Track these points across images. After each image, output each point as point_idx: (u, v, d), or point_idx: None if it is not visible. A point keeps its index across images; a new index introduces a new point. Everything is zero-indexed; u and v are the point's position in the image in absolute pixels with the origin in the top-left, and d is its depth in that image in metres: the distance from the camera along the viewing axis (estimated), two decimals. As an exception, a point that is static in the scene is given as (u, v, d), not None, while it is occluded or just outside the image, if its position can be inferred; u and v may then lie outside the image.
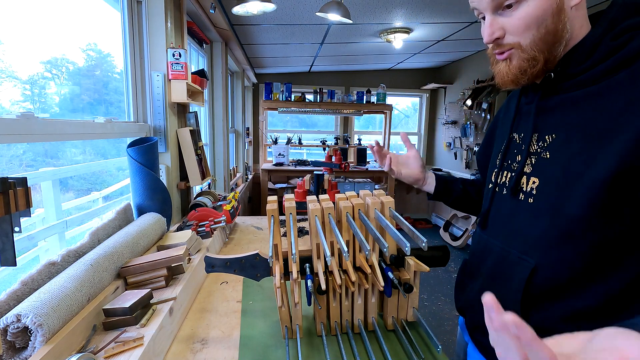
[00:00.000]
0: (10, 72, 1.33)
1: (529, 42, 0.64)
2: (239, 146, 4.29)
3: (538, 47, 0.63)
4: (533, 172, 0.70)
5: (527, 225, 0.70)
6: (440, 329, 2.71)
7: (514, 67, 0.67)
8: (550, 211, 0.65)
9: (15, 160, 1.48)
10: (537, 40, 0.63)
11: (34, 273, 0.82)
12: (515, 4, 0.62)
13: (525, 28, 0.63)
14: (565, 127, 0.65)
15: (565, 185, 0.63)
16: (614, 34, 0.61)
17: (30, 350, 0.68)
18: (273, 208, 0.85)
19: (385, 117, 5.12)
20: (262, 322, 0.96)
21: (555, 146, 0.66)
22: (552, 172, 0.66)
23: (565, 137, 0.64)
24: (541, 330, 0.68)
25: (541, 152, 0.69)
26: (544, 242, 0.66)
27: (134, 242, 1.12)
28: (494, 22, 0.65)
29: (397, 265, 0.90)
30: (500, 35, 0.65)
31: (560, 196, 0.63)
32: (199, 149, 1.88)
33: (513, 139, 0.78)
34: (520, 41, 0.64)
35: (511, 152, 0.78)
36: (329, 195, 1.61)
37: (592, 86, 0.62)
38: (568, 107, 0.66)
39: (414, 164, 1.03)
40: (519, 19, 0.63)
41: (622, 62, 0.59)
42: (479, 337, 0.83)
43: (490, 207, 0.82)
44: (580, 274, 0.63)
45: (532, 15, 0.62)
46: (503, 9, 0.64)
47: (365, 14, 2.78)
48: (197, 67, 2.66)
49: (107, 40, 1.67)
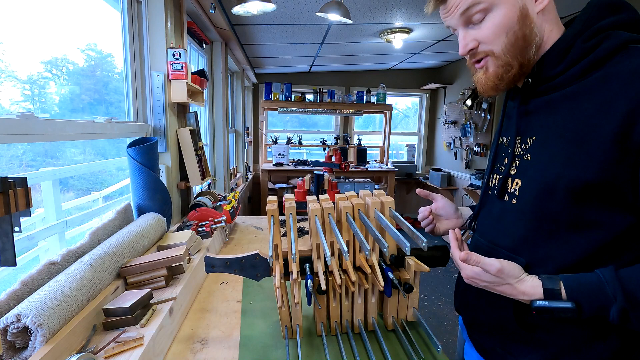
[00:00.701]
0: (10, 72, 1.33)
1: (501, 48, 0.67)
2: (239, 146, 4.28)
3: (510, 53, 0.66)
4: (517, 174, 0.72)
5: (513, 226, 0.72)
6: (440, 329, 2.71)
7: (491, 74, 0.70)
8: (534, 211, 0.67)
9: (15, 160, 1.48)
10: (508, 46, 0.66)
11: (34, 273, 0.82)
12: (482, 17, 0.66)
13: (495, 36, 0.66)
14: (544, 129, 0.67)
15: (545, 186, 0.65)
16: (586, 36, 0.63)
17: (30, 350, 0.68)
18: (273, 208, 0.85)
19: (385, 117, 5.12)
20: (262, 322, 0.96)
21: (535, 148, 0.68)
22: (532, 174, 0.68)
23: (544, 139, 0.67)
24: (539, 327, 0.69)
25: (524, 154, 0.71)
26: (530, 241, 0.68)
27: (134, 242, 1.12)
28: (467, 35, 0.69)
29: (397, 265, 0.90)
30: (474, 46, 0.69)
31: (542, 197, 0.65)
32: (199, 149, 1.88)
33: (501, 142, 0.81)
34: (493, 49, 0.67)
35: (500, 155, 0.80)
36: (329, 195, 1.61)
37: (567, 88, 0.65)
38: (546, 110, 0.68)
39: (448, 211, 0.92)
40: (487, 28, 0.66)
41: (594, 64, 0.61)
42: (476, 335, 0.84)
43: (481, 210, 0.84)
44: (569, 270, 0.64)
45: (499, 24, 0.65)
46: (472, 22, 0.68)
47: (365, 14, 2.78)
48: (197, 67, 2.66)
49: (107, 40, 1.67)
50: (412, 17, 2.91)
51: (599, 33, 0.62)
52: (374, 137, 5.77)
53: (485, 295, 0.76)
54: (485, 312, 0.78)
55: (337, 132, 5.58)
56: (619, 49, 0.60)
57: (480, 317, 0.80)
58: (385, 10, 2.72)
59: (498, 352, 0.77)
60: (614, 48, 0.60)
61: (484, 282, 0.66)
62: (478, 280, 0.67)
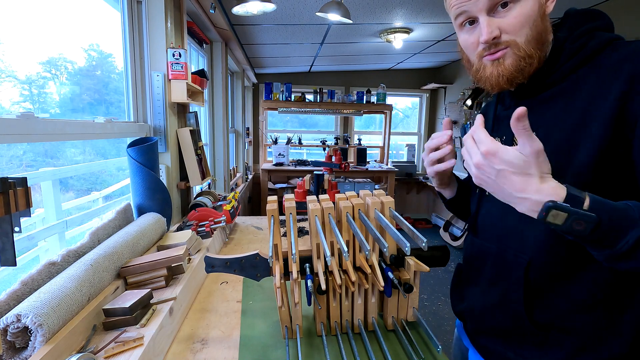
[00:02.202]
0: (10, 72, 1.33)
1: (524, 39, 0.65)
2: (239, 146, 4.28)
3: (532, 45, 0.66)
4: None
5: (520, 224, 0.71)
6: (440, 329, 2.71)
7: (510, 65, 0.67)
8: None
9: (15, 160, 1.48)
10: (531, 39, 0.66)
11: (34, 273, 0.82)
12: (511, 4, 0.64)
13: (521, 26, 0.65)
14: (542, 125, 0.68)
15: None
16: (573, 38, 0.67)
17: (30, 350, 0.68)
18: (273, 208, 0.85)
19: (385, 117, 5.12)
20: (262, 322, 0.96)
21: None
22: None
23: (544, 134, 0.67)
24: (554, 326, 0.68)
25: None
26: (540, 237, 0.68)
27: (134, 242, 1.12)
28: (491, 22, 0.66)
29: (397, 265, 0.90)
30: (497, 35, 0.66)
31: None
32: (199, 149, 1.88)
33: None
34: (517, 39, 0.66)
35: None
36: (329, 195, 1.61)
37: (560, 85, 0.68)
38: (542, 107, 0.70)
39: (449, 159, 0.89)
40: (515, 17, 0.64)
41: (583, 60, 0.65)
42: (483, 342, 0.82)
43: (479, 212, 0.83)
44: (577, 263, 0.65)
45: (526, 14, 0.64)
46: (496, 10, 0.66)
47: (365, 14, 2.78)
48: (197, 67, 2.66)
49: (108, 40, 1.67)
50: (412, 17, 2.91)
51: (584, 35, 0.67)
52: (374, 137, 5.76)
53: (494, 296, 0.76)
54: (493, 316, 0.77)
55: (337, 132, 5.58)
56: (605, 45, 0.64)
57: (488, 322, 0.79)
58: (385, 10, 2.72)
59: (509, 356, 0.75)
60: (600, 45, 0.65)
61: (500, 163, 0.56)
62: (495, 160, 0.56)
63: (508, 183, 0.56)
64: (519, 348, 0.73)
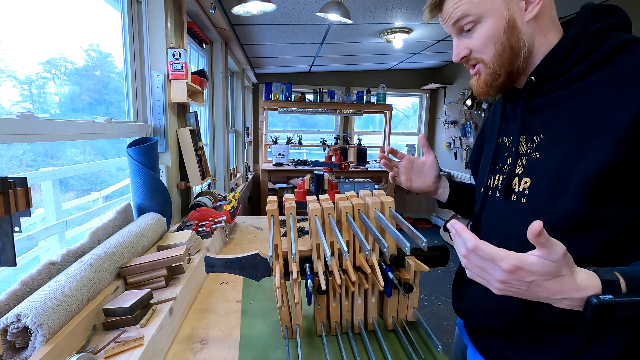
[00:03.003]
0: (10, 72, 1.33)
1: (489, 57, 0.71)
2: (239, 146, 4.28)
3: (498, 62, 0.70)
4: (525, 173, 0.72)
5: (523, 225, 0.70)
6: (440, 329, 2.71)
7: (482, 80, 0.74)
8: (546, 209, 0.67)
9: (15, 160, 1.48)
10: (496, 56, 0.70)
11: (34, 273, 0.82)
12: (473, 27, 0.71)
13: (484, 46, 0.70)
14: (552, 127, 0.68)
15: (558, 182, 0.65)
16: (587, 36, 0.65)
17: (30, 350, 0.68)
18: (273, 208, 0.85)
19: (385, 117, 5.12)
20: (262, 322, 0.96)
21: (544, 146, 0.69)
22: (543, 171, 0.68)
23: (553, 137, 0.67)
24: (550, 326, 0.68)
25: (531, 153, 0.71)
26: None
27: (134, 242, 1.12)
28: (460, 43, 0.74)
29: (397, 265, 0.90)
30: (466, 54, 0.73)
31: (555, 193, 0.65)
32: (199, 149, 1.88)
33: (501, 143, 0.81)
34: (483, 57, 0.72)
35: (501, 156, 0.80)
36: (329, 195, 1.61)
37: (572, 86, 0.66)
38: (552, 108, 0.69)
39: (429, 173, 0.97)
40: (477, 38, 0.71)
41: (598, 62, 0.63)
42: (481, 340, 0.83)
43: (482, 211, 0.83)
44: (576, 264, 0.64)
45: (486, 34, 0.69)
46: (465, 32, 0.73)
47: (365, 14, 2.78)
48: (197, 67, 2.66)
49: (108, 40, 1.67)
50: (412, 17, 2.91)
51: (599, 34, 0.65)
52: (374, 137, 5.77)
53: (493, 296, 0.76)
54: (492, 315, 0.77)
55: (337, 132, 5.58)
56: (621, 47, 0.62)
57: (487, 321, 0.79)
58: (385, 10, 2.72)
59: (507, 355, 0.76)
60: (616, 47, 0.62)
61: (531, 275, 0.51)
62: (524, 273, 0.51)
63: (542, 290, 0.53)
64: (516, 347, 0.74)
